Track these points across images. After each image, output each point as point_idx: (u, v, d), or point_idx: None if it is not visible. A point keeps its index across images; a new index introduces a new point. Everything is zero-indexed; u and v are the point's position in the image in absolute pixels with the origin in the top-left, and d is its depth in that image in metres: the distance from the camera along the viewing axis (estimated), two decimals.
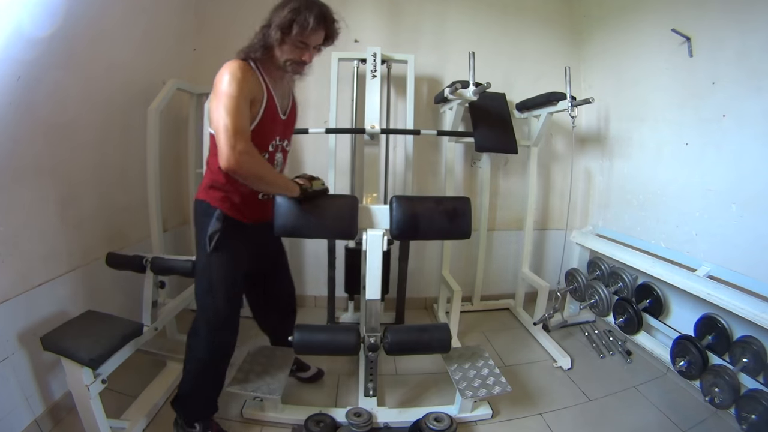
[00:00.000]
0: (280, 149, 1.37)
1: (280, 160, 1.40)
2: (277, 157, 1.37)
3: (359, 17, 2.50)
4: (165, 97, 1.94)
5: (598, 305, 2.27)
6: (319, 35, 1.25)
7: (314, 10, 1.20)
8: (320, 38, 1.27)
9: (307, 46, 1.25)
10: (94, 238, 1.78)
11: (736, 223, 1.70)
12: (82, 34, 1.62)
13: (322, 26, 1.23)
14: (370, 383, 1.64)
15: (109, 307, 1.62)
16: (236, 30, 2.43)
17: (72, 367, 1.25)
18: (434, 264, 2.71)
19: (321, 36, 1.26)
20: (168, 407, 1.65)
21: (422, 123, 2.53)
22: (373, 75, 2.14)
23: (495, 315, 2.72)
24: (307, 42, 1.24)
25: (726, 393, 1.51)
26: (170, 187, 2.27)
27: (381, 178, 2.42)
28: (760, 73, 1.59)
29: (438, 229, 1.56)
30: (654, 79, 2.15)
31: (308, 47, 1.25)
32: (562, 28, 2.71)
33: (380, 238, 1.51)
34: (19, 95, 1.36)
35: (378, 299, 1.55)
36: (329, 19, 1.25)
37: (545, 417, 1.70)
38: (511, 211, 2.80)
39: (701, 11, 1.84)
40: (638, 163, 2.29)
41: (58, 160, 1.58)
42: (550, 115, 2.32)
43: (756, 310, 1.43)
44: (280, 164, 1.40)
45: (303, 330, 1.57)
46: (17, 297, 1.39)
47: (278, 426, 1.61)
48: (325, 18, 1.23)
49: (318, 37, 1.26)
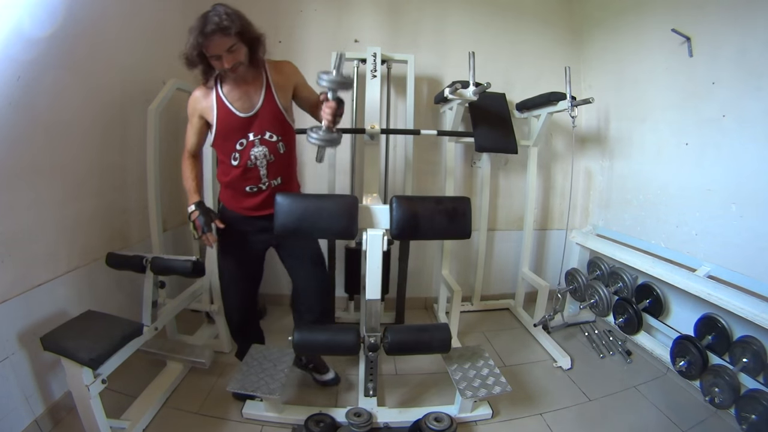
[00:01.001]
0: (256, 144, 1.45)
1: (261, 154, 1.46)
2: (254, 152, 1.45)
3: (359, 17, 2.50)
4: (165, 97, 1.94)
5: (598, 305, 2.27)
6: (215, 43, 1.26)
7: (195, 26, 1.25)
8: (219, 45, 1.27)
9: (218, 56, 1.29)
10: (94, 238, 1.78)
11: (736, 223, 1.70)
12: (82, 34, 1.62)
13: (204, 37, 1.24)
14: (370, 383, 1.64)
15: (109, 307, 1.62)
16: None
17: (72, 367, 1.26)
18: (434, 264, 2.71)
19: (217, 43, 1.26)
20: (168, 407, 1.65)
21: (422, 123, 2.53)
22: (373, 75, 2.14)
23: (495, 315, 2.72)
24: (212, 54, 1.29)
25: (726, 393, 1.52)
26: (170, 187, 2.27)
27: (381, 178, 2.42)
28: (760, 73, 1.59)
29: (438, 229, 1.56)
30: (654, 79, 2.15)
31: (220, 56, 1.29)
32: (562, 28, 2.71)
33: (380, 238, 1.50)
34: (19, 95, 1.36)
35: (378, 299, 1.55)
36: (210, 22, 1.23)
37: (545, 417, 1.70)
38: (511, 211, 2.80)
39: (701, 11, 1.84)
40: (638, 163, 2.29)
41: (57, 160, 1.58)
42: (550, 115, 2.32)
43: (756, 310, 1.43)
44: (261, 159, 1.46)
45: (303, 330, 1.57)
46: (17, 297, 1.39)
47: (278, 426, 1.61)
48: (203, 26, 1.23)
49: (215, 45, 1.27)
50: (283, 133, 1.50)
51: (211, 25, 1.23)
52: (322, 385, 1.84)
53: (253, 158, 1.46)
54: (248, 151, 1.45)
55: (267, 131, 1.46)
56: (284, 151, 1.51)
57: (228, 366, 1.94)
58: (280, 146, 1.49)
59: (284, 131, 1.50)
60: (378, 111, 2.11)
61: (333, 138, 1.40)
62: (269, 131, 1.46)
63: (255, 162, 1.46)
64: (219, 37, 1.25)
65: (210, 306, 2.02)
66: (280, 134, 1.48)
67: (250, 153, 1.45)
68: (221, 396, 1.71)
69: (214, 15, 1.25)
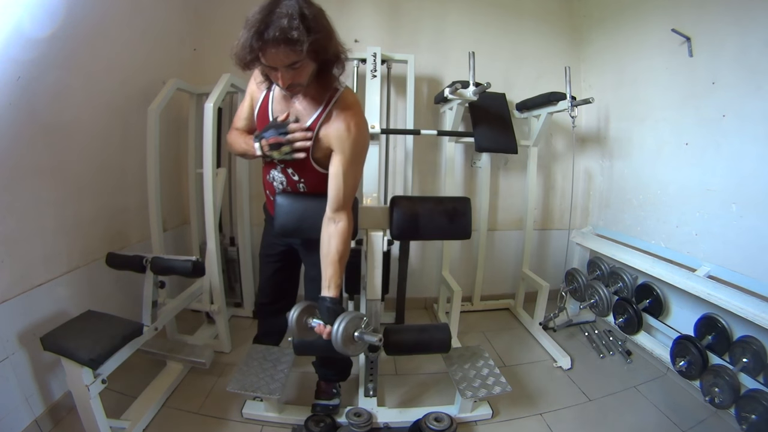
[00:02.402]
0: (277, 167, 1.32)
1: (279, 179, 1.34)
2: (273, 173, 1.34)
3: (359, 17, 2.50)
4: (165, 97, 1.94)
5: (598, 305, 2.27)
6: (274, 55, 0.96)
7: (254, 21, 0.93)
8: (279, 58, 0.96)
9: (273, 68, 1.01)
10: (94, 238, 1.78)
11: (736, 223, 1.70)
12: (82, 34, 1.62)
13: (262, 42, 0.93)
14: (370, 383, 1.64)
15: (109, 307, 1.62)
16: (236, 30, 2.47)
17: (72, 367, 1.26)
18: (434, 264, 2.71)
19: (277, 55, 0.96)
20: (168, 407, 1.65)
21: (422, 123, 2.53)
22: (373, 75, 2.14)
23: (495, 315, 2.72)
24: (267, 64, 1.00)
25: (726, 393, 1.51)
26: (170, 187, 2.27)
27: (381, 178, 2.42)
28: (760, 73, 1.59)
29: (438, 229, 1.56)
30: (654, 79, 2.15)
31: (276, 68, 1.00)
32: (562, 28, 2.71)
33: (380, 238, 1.51)
34: (19, 95, 1.36)
35: (378, 299, 1.55)
36: (275, 26, 0.91)
37: (545, 417, 1.70)
38: (511, 211, 2.80)
39: (701, 11, 1.84)
40: (638, 163, 2.29)
41: (58, 160, 1.58)
42: (550, 115, 2.32)
43: (756, 310, 1.43)
44: (278, 182, 1.35)
45: None
46: (17, 297, 1.39)
47: (278, 426, 1.61)
48: (264, 27, 0.92)
49: (273, 57, 0.96)
50: (307, 177, 1.30)
51: (274, 30, 0.91)
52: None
53: (271, 177, 1.36)
54: (270, 168, 1.34)
55: (291, 167, 1.29)
56: (305, 191, 1.34)
57: (228, 366, 1.94)
58: (300, 186, 1.33)
59: (309, 177, 1.29)
60: (378, 111, 2.12)
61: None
62: (292, 168, 1.29)
63: (273, 180, 1.36)
64: (282, 48, 0.94)
65: (210, 306, 2.02)
66: (303, 177, 1.30)
67: (271, 171, 1.34)
68: (221, 396, 1.71)
69: (283, 16, 0.91)
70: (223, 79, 1.97)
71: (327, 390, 1.68)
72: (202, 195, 2.00)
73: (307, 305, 1.24)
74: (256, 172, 2.19)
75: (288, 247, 1.53)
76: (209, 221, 1.98)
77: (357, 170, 1.23)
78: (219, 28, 2.43)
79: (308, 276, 1.55)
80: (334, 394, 1.68)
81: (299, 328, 1.22)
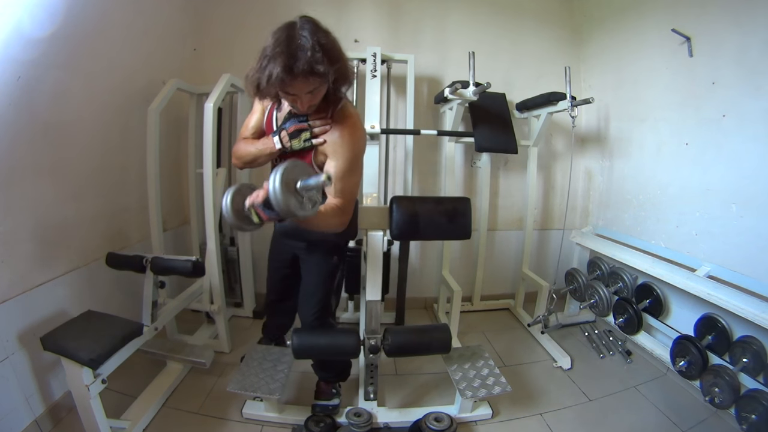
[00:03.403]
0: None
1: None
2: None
3: (359, 17, 2.50)
4: (165, 97, 1.94)
5: (598, 305, 2.27)
6: (299, 85, 1.00)
7: (276, 54, 0.96)
8: (303, 87, 1.01)
9: (294, 96, 1.05)
10: (94, 238, 1.78)
11: (736, 223, 1.70)
12: (82, 35, 1.62)
13: (289, 74, 0.96)
14: (370, 387, 1.64)
15: (109, 307, 1.62)
16: (236, 30, 2.48)
17: (72, 367, 1.26)
18: (434, 264, 2.71)
19: (302, 85, 1.01)
20: (168, 407, 1.65)
21: (422, 123, 2.53)
22: (373, 75, 2.14)
23: (495, 315, 2.72)
24: (287, 92, 1.04)
25: (726, 393, 1.51)
26: (170, 187, 2.27)
27: (381, 178, 2.42)
28: (760, 73, 1.59)
29: (438, 229, 1.57)
30: (654, 79, 2.15)
31: (297, 96, 1.05)
32: (562, 28, 2.71)
33: (380, 238, 1.51)
34: (19, 95, 1.36)
35: (378, 300, 1.54)
36: (301, 59, 0.95)
37: (545, 417, 1.70)
38: (511, 211, 2.80)
39: (701, 11, 1.84)
40: (638, 163, 2.29)
41: (57, 160, 1.58)
42: (550, 115, 2.32)
43: (756, 310, 1.43)
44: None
45: (302, 334, 1.53)
46: (17, 297, 1.39)
47: (278, 426, 1.61)
48: (292, 62, 0.95)
49: (298, 87, 1.01)
50: None
51: (302, 64, 0.96)
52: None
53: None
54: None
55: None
56: None
57: (228, 366, 1.94)
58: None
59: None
60: (378, 111, 2.11)
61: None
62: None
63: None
64: (310, 80, 1.00)
65: (210, 306, 2.02)
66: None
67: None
68: (221, 396, 1.71)
69: (305, 49, 0.96)
70: (223, 79, 1.97)
71: (327, 390, 1.68)
72: (202, 195, 2.00)
73: (242, 185, 1.01)
74: (257, 171, 2.20)
75: (293, 256, 1.57)
76: (209, 221, 1.98)
77: (351, 177, 1.23)
78: (219, 28, 2.43)
79: (302, 283, 1.58)
80: (333, 394, 1.68)
81: (235, 212, 0.97)
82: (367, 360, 1.57)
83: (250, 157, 1.30)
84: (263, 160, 1.30)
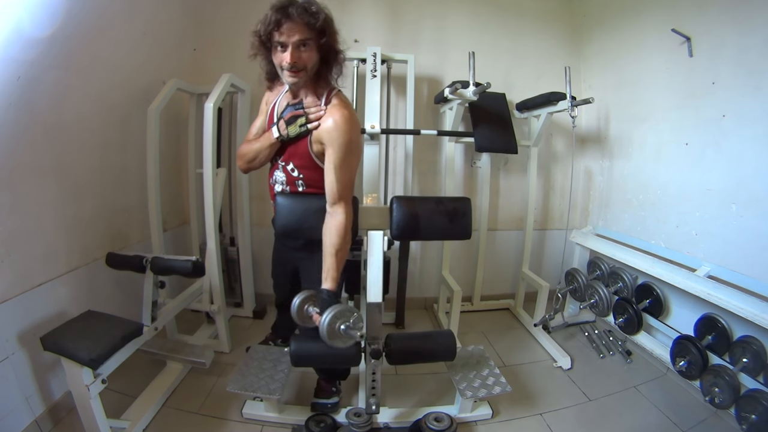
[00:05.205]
0: (279, 168, 1.41)
1: (280, 180, 1.41)
2: (276, 175, 1.42)
3: (359, 17, 2.50)
4: (165, 97, 1.94)
5: (598, 305, 2.27)
6: (291, 28, 1.15)
7: (276, 5, 1.14)
8: (294, 31, 1.15)
9: (284, 46, 1.18)
10: (94, 238, 1.78)
11: (736, 223, 1.70)
12: (82, 35, 1.62)
13: (284, 15, 1.13)
14: (372, 398, 1.48)
15: (109, 307, 1.62)
16: (236, 30, 2.46)
17: (72, 367, 1.26)
18: (434, 264, 2.71)
19: (293, 28, 1.15)
20: (168, 407, 1.65)
21: (422, 123, 2.53)
22: (373, 75, 2.14)
23: (495, 315, 2.72)
24: (280, 40, 1.17)
25: (726, 393, 1.52)
26: (170, 187, 2.27)
27: (381, 178, 2.42)
28: (760, 73, 1.60)
29: (438, 229, 1.56)
30: (654, 79, 2.15)
31: (286, 46, 1.17)
32: (562, 28, 2.71)
33: (380, 239, 1.50)
34: (19, 95, 1.36)
35: (380, 302, 1.51)
36: (297, 4, 1.14)
37: (545, 417, 1.70)
38: (511, 211, 2.79)
39: (701, 11, 1.84)
40: (638, 163, 2.29)
41: (58, 160, 1.58)
42: (550, 115, 2.32)
43: (756, 310, 1.44)
44: (279, 184, 1.42)
45: (300, 341, 1.46)
46: (17, 297, 1.39)
47: (278, 426, 1.61)
48: (287, 4, 1.14)
49: (289, 30, 1.15)
50: (306, 173, 1.37)
51: (297, 9, 1.13)
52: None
53: (274, 179, 1.44)
54: (273, 170, 1.44)
55: (291, 162, 1.36)
56: (304, 190, 1.40)
57: (228, 366, 1.94)
58: (299, 183, 1.39)
59: (308, 173, 1.36)
60: (378, 111, 2.11)
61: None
62: (293, 163, 1.36)
63: (275, 182, 1.44)
64: (299, 21, 1.14)
65: (210, 306, 2.02)
66: (302, 173, 1.37)
67: (274, 173, 1.43)
68: (221, 396, 1.71)
69: (300, 3, 1.15)
70: (223, 79, 1.97)
71: (326, 388, 1.68)
72: (202, 195, 2.00)
73: (310, 294, 1.37)
74: (257, 171, 2.19)
75: (294, 268, 1.59)
76: (209, 221, 1.98)
77: (349, 163, 1.29)
78: (219, 28, 2.43)
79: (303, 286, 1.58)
80: (333, 392, 1.68)
81: (300, 315, 1.36)
82: (369, 367, 1.47)
83: (252, 153, 1.41)
84: (264, 155, 1.39)
